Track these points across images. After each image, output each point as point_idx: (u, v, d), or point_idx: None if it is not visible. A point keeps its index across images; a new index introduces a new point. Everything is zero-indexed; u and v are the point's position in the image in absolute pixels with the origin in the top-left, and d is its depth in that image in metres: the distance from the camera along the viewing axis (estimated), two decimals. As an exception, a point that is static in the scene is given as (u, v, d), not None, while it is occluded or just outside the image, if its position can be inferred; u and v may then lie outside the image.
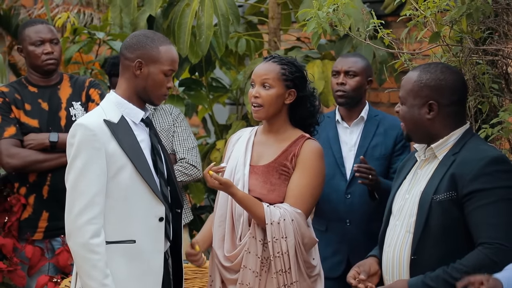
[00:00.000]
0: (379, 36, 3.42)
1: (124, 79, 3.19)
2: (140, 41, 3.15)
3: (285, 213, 3.29)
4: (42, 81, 4.31)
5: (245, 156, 3.43)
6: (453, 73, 3.06)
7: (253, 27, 5.39)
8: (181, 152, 4.42)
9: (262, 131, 3.49)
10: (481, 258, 2.86)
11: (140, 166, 3.11)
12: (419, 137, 3.10)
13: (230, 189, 3.27)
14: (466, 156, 2.97)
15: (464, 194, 2.91)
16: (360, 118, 4.11)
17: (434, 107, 3.02)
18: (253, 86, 3.41)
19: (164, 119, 4.50)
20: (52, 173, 4.21)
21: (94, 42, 5.43)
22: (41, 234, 4.24)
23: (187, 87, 5.21)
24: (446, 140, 3.04)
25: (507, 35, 3.41)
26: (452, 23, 3.32)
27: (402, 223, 3.05)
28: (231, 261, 3.33)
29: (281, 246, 3.27)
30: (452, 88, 3.03)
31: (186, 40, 4.69)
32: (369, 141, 4.06)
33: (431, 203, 2.95)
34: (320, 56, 4.92)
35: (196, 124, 6.49)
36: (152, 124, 3.27)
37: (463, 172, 2.93)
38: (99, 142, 3.06)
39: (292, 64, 3.42)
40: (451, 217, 2.93)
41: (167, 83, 3.17)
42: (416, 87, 3.03)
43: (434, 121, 3.03)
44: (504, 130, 3.31)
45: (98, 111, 3.17)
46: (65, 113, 4.27)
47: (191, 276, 3.98)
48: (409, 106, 3.05)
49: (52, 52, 4.24)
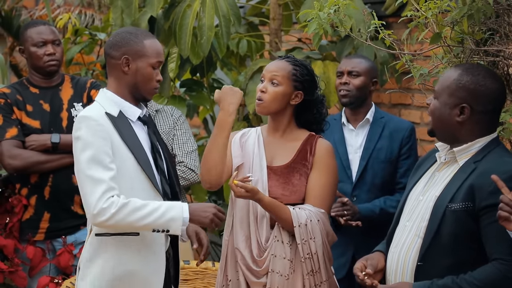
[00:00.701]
0: (380, 37, 3.41)
1: (113, 78, 3.19)
2: (124, 38, 3.17)
3: (310, 214, 3.32)
4: (44, 82, 4.31)
5: (259, 158, 3.42)
6: (495, 81, 2.95)
7: (254, 28, 5.39)
8: (180, 155, 4.42)
9: (268, 131, 3.49)
10: (495, 273, 2.79)
11: (142, 160, 3.13)
12: (443, 136, 3.02)
13: (257, 196, 3.27)
14: (488, 167, 2.86)
15: (482, 206, 2.83)
16: (365, 120, 4.12)
17: (466, 111, 2.92)
18: (262, 81, 3.42)
19: (165, 121, 4.50)
20: (54, 174, 4.22)
21: (95, 43, 5.44)
22: (43, 235, 4.25)
23: (188, 88, 5.21)
24: (470, 146, 2.95)
25: (508, 36, 3.40)
26: (453, 24, 3.31)
27: (412, 225, 2.99)
28: (260, 266, 3.33)
29: (310, 247, 3.31)
30: (490, 96, 2.92)
31: (188, 41, 4.69)
32: (375, 144, 4.07)
33: (445, 211, 2.88)
34: (321, 57, 4.92)
35: (197, 125, 6.48)
36: (151, 122, 3.27)
37: (483, 184, 2.82)
38: (105, 132, 3.07)
39: (305, 67, 3.44)
40: (464, 227, 2.85)
41: (156, 76, 3.18)
42: (453, 86, 2.94)
43: (462, 124, 2.94)
44: (505, 131, 3.29)
45: (96, 105, 3.17)
46: (67, 114, 4.27)
47: (192, 277, 3.99)
48: (442, 103, 2.96)
49: (54, 53, 4.25)
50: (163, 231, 3.05)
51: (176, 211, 3.05)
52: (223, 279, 3.42)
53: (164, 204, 3.06)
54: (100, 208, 3.00)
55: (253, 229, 3.37)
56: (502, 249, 2.78)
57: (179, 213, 3.05)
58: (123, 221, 3.02)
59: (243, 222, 3.39)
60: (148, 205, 3.03)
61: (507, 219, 2.71)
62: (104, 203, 3.00)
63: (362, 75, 4.10)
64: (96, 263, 3.13)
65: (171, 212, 3.04)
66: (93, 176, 3.02)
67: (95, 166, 3.03)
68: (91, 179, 3.03)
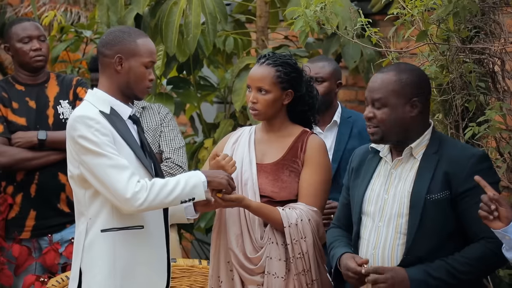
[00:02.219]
0: (367, 34, 3.42)
1: (106, 77, 3.19)
2: (117, 36, 3.17)
3: (301, 214, 3.31)
4: (30, 80, 4.30)
5: (249, 156, 3.43)
6: (420, 70, 3.14)
7: (240, 26, 5.38)
8: (167, 151, 4.43)
9: (261, 130, 3.50)
10: (484, 251, 2.94)
11: (139, 154, 3.15)
12: (397, 138, 3.08)
13: (243, 202, 3.27)
14: (452, 154, 3.01)
15: (460, 192, 2.97)
16: (333, 122, 4.04)
17: (418, 104, 3.05)
18: (249, 90, 3.41)
19: (151, 118, 4.50)
20: (40, 171, 4.21)
21: (81, 41, 5.42)
22: (29, 233, 4.23)
23: (175, 85, 5.20)
24: (422, 140, 3.08)
25: (493, 33, 3.43)
26: (439, 22, 3.34)
27: (388, 224, 3.05)
28: (254, 263, 3.33)
29: (301, 247, 3.31)
30: (425, 83, 3.10)
31: (174, 38, 4.68)
32: (345, 145, 3.98)
33: (425, 203, 2.98)
34: (308, 55, 4.93)
35: (184, 122, 6.47)
36: (139, 121, 3.28)
37: (457, 170, 2.98)
38: (105, 128, 3.08)
39: (287, 64, 3.40)
40: (445, 214, 2.98)
41: (149, 76, 3.19)
42: (397, 87, 3.03)
43: (416, 118, 3.06)
44: (490, 128, 3.32)
45: (87, 104, 3.16)
46: (53, 111, 4.27)
47: (178, 275, 3.99)
48: (392, 107, 3.04)
49: (40, 48, 4.25)
50: (189, 200, 3.13)
51: (195, 178, 3.13)
52: (215, 281, 3.42)
53: (182, 176, 3.14)
54: (133, 191, 3.01)
55: (245, 227, 3.36)
56: (486, 228, 2.85)
57: (199, 180, 3.13)
58: (155, 200, 3.06)
59: (234, 221, 3.38)
60: (169, 181, 3.10)
61: (487, 218, 2.79)
62: (136, 186, 3.03)
63: (327, 80, 4.01)
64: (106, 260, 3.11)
65: (191, 180, 3.12)
66: (114, 165, 3.03)
67: (112, 155, 3.03)
68: (113, 168, 3.02)
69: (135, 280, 3.14)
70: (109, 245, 3.11)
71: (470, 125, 3.35)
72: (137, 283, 3.15)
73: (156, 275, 3.20)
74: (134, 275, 3.14)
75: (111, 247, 3.11)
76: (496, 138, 3.50)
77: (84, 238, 3.14)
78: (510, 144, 3.43)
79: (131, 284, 3.14)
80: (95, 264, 3.12)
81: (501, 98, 3.44)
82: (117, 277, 3.11)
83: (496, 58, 3.43)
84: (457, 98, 3.47)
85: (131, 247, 3.13)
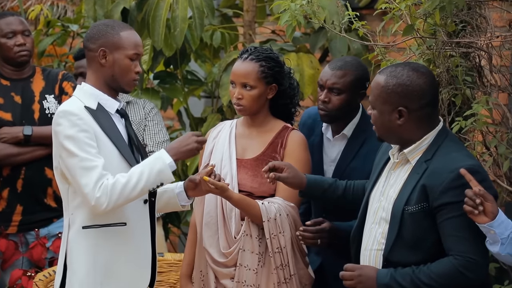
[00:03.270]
0: (354, 27, 3.43)
1: (92, 71, 3.20)
2: (100, 30, 3.18)
3: (280, 208, 3.32)
4: (15, 74, 4.29)
5: (229, 150, 3.43)
6: (421, 76, 2.95)
7: (228, 20, 5.39)
8: (151, 145, 4.45)
9: (243, 124, 3.50)
10: (450, 268, 2.87)
11: (124, 151, 3.15)
12: (392, 141, 3.06)
13: (226, 193, 3.27)
14: (437, 166, 2.92)
15: (435, 206, 2.90)
16: (341, 135, 3.57)
17: (404, 113, 2.95)
18: (233, 85, 3.41)
19: (136, 112, 4.52)
20: (26, 166, 4.20)
21: (68, 35, 5.41)
22: (15, 228, 4.23)
23: (162, 80, 5.21)
24: (419, 145, 2.98)
25: (480, 28, 3.44)
26: (426, 16, 3.35)
27: (377, 228, 3.04)
28: (226, 256, 3.35)
29: (279, 241, 3.32)
30: (420, 92, 2.94)
31: (161, 32, 4.68)
32: (348, 163, 3.54)
33: (403, 213, 2.94)
34: (295, 49, 4.92)
35: (171, 117, 6.47)
36: (127, 115, 3.29)
37: (434, 184, 2.89)
38: (87, 125, 3.08)
39: (270, 58, 3.41)
40: (422, 226, 2.92)
41: (135, 68, 3.18)
42: (383, 93, 2.96)
43: (405, 126, 2.96)
44: (477, 122, 3.34)
45: (74, 99, 3.18)
46: (39, 106, 4.25)
47: (166, 269, 3.98)
48: (379, 111, 2.99)
49: (25, 43, 4.23)
50: (158, 186, 3.11)
51: (159, 163, 3.09)
52: (198, 273, 3.46)
53: (147, 163, 3.10)
54: (95, 198, 3.03)
55: (221, 224, 3.38)
56: (456, 247, 2.87)
57: (163, 163, 3.09)
58: (119, 199, 3.05)
59: (210, 219, 3.40)
60: (132, 174, 3.07)
61: (472, 213, 2.79)
62: (97, 192, 3.03)
63: (345, 92, 3.46)
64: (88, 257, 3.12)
65: (156, 167, 3.08)
66: (83, 167, 3.04)
67: (83, 156, 3.04)
68: (81, 170, 3.04)
69: (117, 277, 3.15)
70: (90, 242, 3.12)
71: (456, 119, 3.36)
72: (119, 279, 3.15)
73: (139, 271, 3.19)
74: (115, 271, 3.14)
75: (92, 244, 3.12)
76: (483, 132, 3.52)
77: (68, 233, 3.16)
78: (496, 138, 3.44)
79: (113, 281, 3.15)
80: (77, 260, 3.14)
81: (487, 92, 3.46)
82: (98, 274, 3.12)
83: (482, 52, 3.44)
84: (443, 92, 3.47)
85: (113, 244, 3.13)
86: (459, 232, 2.87)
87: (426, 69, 3.06)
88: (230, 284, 3.35)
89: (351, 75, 3.47)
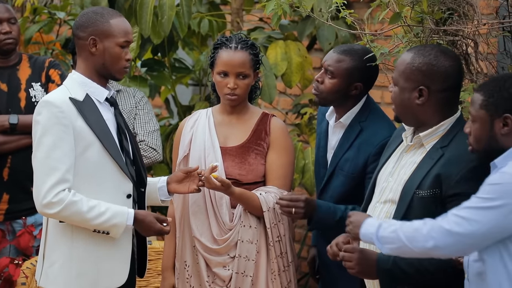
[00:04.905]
0: (341, 15, 3.43)
1: (82, 59, 3.19)
2: (90, 18, 3.17)
3: (276, 197, 3.36)
4: (1, 62, 4.28)
5: (211, 139, 3.44)
6: (448, 58, 2.95)
7: (215, 8, 5.38)
8: (141, 134, 4.45)
9: (221, 112, 3.50)
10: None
11: (108, 144, 3.13)
12: (408, 121, 3.03)
13: (229, 189, 3.30)
14: (454, 154, 2.89)
15: (449, 195, 2.86)
16: (339, 123, 3.55)
17: (424, 93, 2.93)
18: (224, 76, 3.39)
19: (126, 101, 4.51)
20: (12, 155, 4.20)
21: (54, 22, 5.38)
22: (2, 216, 4.23)
23: (150, 67, 5.20)
24: (436, 130, 2.96)
25: (466, 15, 3.45)
26: (413, 4, 3.34)
27: (383, 207, 3.02)
28: (219, 244, 3.37)
29: (279, 230, 3.38)
30: (444, 74, 2.93)
31: (148, 20, 4.67)
32: (343, 153, 3.50)
33: (413, 197, 2.91)
34: (283, 37, 4.93)
35: (159, 105, 6.47)
36: (116, 103, 3.28)
37: (450, 172, 2.86)
38: (66, 119, 3.07)
39: (253, 45, 3.46)
40: (431, 213, 2.85)
41: (125, 56, 3.18)
42: (408, 70, 2.95)
43: (423, 107, 2.95)
44: (464, 110, 3.33)
45: (62, 89, 3.18)
46: (25, 94, 4.24)
47: (154, 257, 4.01)
48: (400, 88, 2.97)
49: (10, 31, 4.22)
50: (103, 232, 3.12)
51: (120, 218, 3.10)
52: (181, 264, 3.46)
53: (110, 209, 3.10)
54: (48, 201, 3.03)
55: (211, 212, 3.40)
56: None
57: (123, 221, 3.11)
58: (67, 219, 3.08)
59: (197, 209, 3.41)
60: (94, 208, 3.07)
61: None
62: (54, 197, 3.02)
63: (337, 77, 3.45)
64: (63, 250, 3.14)
65: (115, 219, 3.10)
66: (48, 164, 3.04)
67: (52, 154, 3.04)
68: (45, 167, 3.04)
69: (93, 271, 3.15)
70: (67, 235, 3.14)
71: None
72: (95, 273, 3.15)
73: (117, 265, 3.19)
74: (92, 266, 3.14)
75: (68, 238, 3.13)
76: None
77: (46, 225, 3.18)
78: None
79: (89, 275, 3.15)
80: (53, 252, 3.15)
81: (474, 80, 3.45)
82: (74, 267, 3.13)
83: (469, 40, 3.44)
84: None
85: (90, 239, 3.13)
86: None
87: (455, 54, 3.04)
88: (223, 272, 3.37)
89: (349, 63, 3.45)
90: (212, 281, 3.39)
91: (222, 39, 3.46)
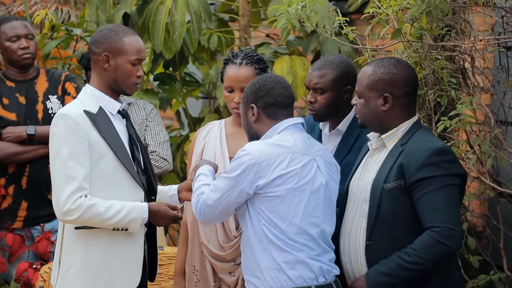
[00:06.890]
0: (344, 32, 3.50)
1: (96, 73, 3.26)
2: (104, 35, 3.23)
3: None
4: (19, 76, 4.35)
5: (221, 149, 3.47)
6: (405, 67, 3.20)
7: (224, 24, 5.43)
8: (152, 145, 4.50)
9: (233, 124, 3.53)
10: (430, 240, 3.02)
11: (120, 154, 3.19)
12: (374, 128, 3.24)
13: None
14: (412, 147, 3.12)
15: (411, 182, 3.07)
16: (336, 130, 3.60)
17: (389, 99, 3.16)
18: (230, 90, 3.42)
19: (137, 113, 4.57)
20: (30, 164, 4.27)
21: (71, 38, 5.45)
22: (21, 222, 4.30)
23: (161, 81, 5.24)
24: (396, 131, 3.19)
25: (464, 32, 3.51)
26: (413, 21, 3.42)
27: (356, 208, 3.20)
28: (225, 250, 3.39)
29: None
30: (404, 80, 3.16)
31: (160, 36, 4.74)
32: (343, 157, 3.54)
33: (381, 191, 3.11)
34: (289, 52, 4.98)
35: (170, 117, 6.53)
36: (128, 116, 3.35)
37: (410, 162, 3.07)
38: (81, 130, 3.13)
39: (260, 60, 3.44)
40: (400, 204, 3.09)
41: (137, 72, 3.24)
42: (371, 81, 3.17)
43: (388, 112, 3.17)
44: (461, 122, 3.44)
45: (77, 102, 3.24)
46: (42, 107, 4.32)
47: (166, 262, 4.05)
48: (365, 99, 3.19)
49: (28, 46, 4.28)
50: (122, 229, 3.18)
51: (136, 213, 3.17)
52: (191, 268, 3.51)
53: (126, 206, 3.16)
54: (68, 208, 3.09)
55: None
56: (433, 218, 3.02)
57: (139, 215, 3.17)
58: (88, 222, 3.13)
59: None
60: (111, 207, 3.13)
61: None
62: (72, 204, 3.08)
63: (328, 90, 3.50)
64: (78, 255, 3.19)
65: (132, 214, 3.16)
66: (66, 173, 3.10)
67: (69, 164, 3.10)
68: (63, 176, 3.10)
69: (108, 276, 3.20)
70: (82, 242, 3.18)
71: (442, 119, 3.46)
72: (109, 278, 3.20)
73: (130, 270, 3.24)
74: (106, 271, 3.20)
75: (84, 244, 3.18)
76: (467, 131, 3.62)
77: (62, 231, 3.24)
78: (479, 137, 3.55)
79: (103, 279, 3.20)
80: (69, 258, 3.21)
81: (471, 93, 3.55)
82: (89, 272, 3.18)
83: (466, 55, 3.53)
84: (429, 93, 3.57)
85: (104, 246, 3.19)
86: (436, 204, 3.03)
87: (408, 63, 3.28)
88: (229, 278, 3.41)
89: (332, 74, 3.50)
90: (218, 286, 3.43)
91: (229, 55, 3.49)
